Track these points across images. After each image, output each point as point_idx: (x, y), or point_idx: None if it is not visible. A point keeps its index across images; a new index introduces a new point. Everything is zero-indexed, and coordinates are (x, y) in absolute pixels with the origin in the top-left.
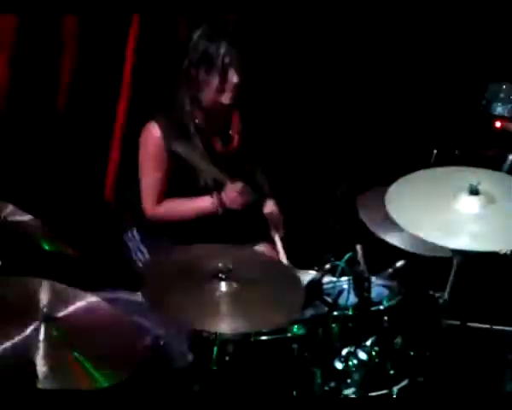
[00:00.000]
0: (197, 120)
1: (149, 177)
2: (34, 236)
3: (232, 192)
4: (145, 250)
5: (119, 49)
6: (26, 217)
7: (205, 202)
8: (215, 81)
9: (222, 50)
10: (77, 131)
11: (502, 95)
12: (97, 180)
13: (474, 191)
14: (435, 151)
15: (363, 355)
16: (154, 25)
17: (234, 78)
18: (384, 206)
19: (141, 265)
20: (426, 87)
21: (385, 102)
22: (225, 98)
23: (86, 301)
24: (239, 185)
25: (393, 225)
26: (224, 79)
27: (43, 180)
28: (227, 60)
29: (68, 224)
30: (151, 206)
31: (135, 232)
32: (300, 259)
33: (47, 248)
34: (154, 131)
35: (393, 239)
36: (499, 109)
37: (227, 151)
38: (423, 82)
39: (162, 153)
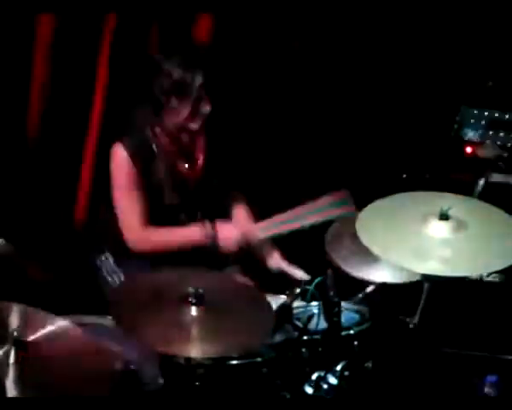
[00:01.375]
0: (161, 143)
1: (124, 201)
2: (5, 260)
3: (229, 233)
4: (119, 272)
5: (90, 70)
6: None
7: (194, 233)
8: (186, 110)
9: (197, 81)
10: (47, 155)
11: (473, 120)
12: (68, 204)
13: (444, 216)
14: (404, 175)
15: (333, 380)
16: (125, 40)
17: (206, 107)
18: (351, 239)
19: (114, 287)
20: (396, 110)
21: (353, 126)
22: (194, 125)
23: (57, 325)
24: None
25: (362, 259)
26: (196, 108)
27: (14, 204)
28: (202, 90)
29: (39, 248)
30: (132, 230)
31: (107, 255)
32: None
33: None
34: (120, 153)
35: (362, 273)
36: (470, 134)
37: (193, 173)
38: (393, 105)
39: (131, 172)
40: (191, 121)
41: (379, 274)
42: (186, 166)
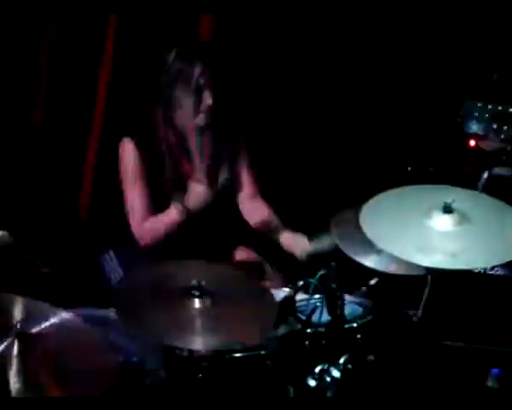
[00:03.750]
0: (169, 140)
1: (131, 194)
2: (6, 251)
3: (192, 193)
4: (121, 272)
5: (94, 64)
6: None
7: (172, 214)
8: (189, 102)
9: (197, 71)
10: (52, 145)
11: (476, 113)
12: (72, 197)
13: (447, 209)
14: (409, 168)
15: (336, 373)
16: (130, 39)
17: (208, 99)
18: (358, 228)
19: (116, 281)
20: (400, 104)
21: (358, 118)
22: (199, 120)
23: (60, 317)
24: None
25: (367, 247)
26: (198, 100)
27: (17, 197)
28: (202, 81)
29: (42, 240)
30: (138, 224)
31: (112, 254)
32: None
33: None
34: (128, 147)
35: (367, 261)
36: (474, 127)
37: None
38: (398, 99)
39: (139, 167)
40: (195, 115)
41: (383, 263)
42: (189, 166)
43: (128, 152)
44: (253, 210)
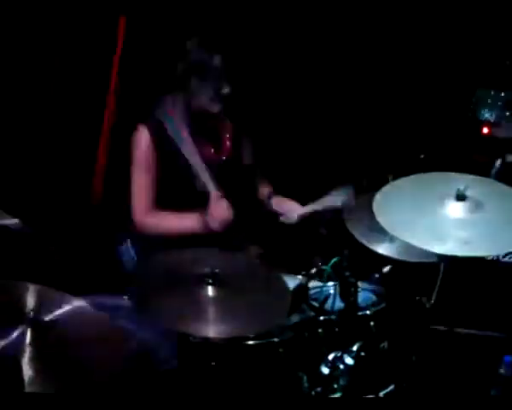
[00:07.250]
0: (186, 127)
1: (138, 180)
2: (19, 239)
3: (216, 210)
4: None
5: (106, 51)
6: (11, 221)
7: (191, 222)
8: (207, 91)
9: (216, 62)
10: (65, 133)
11: (489, 100)
12: (85, 183)
13: (461, 197)
14: (422, 156)
15: (349, 360)
16: (145, 26)
17: (225, 89)
18: (370, 215)
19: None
20: (413, 92)
21: (372, 107)
22: (214, 107)
23: (73, 305)
24: (223, 203)
25: (380, 234)
26: (216, 90)
27: (30, 183)
28: (221, 71)
29: (55, 227)
30: (141, 212)
31: (129, 242)
32: (288, 263)
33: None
34: (142, 134)
35: (380, 248)
36: (487, 115)
37: (217, 159)
38: (411, 87)
39: (151, 155)
40: (211, 103)
41: (396, 251)
42: (212, 150)
43: (142, 139)
44: (282, 203)
